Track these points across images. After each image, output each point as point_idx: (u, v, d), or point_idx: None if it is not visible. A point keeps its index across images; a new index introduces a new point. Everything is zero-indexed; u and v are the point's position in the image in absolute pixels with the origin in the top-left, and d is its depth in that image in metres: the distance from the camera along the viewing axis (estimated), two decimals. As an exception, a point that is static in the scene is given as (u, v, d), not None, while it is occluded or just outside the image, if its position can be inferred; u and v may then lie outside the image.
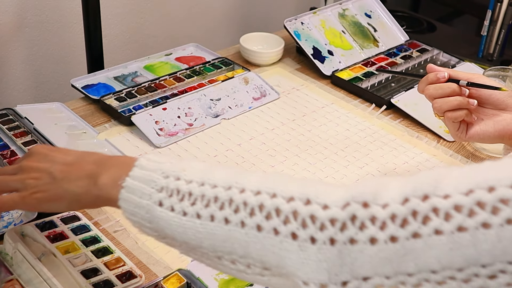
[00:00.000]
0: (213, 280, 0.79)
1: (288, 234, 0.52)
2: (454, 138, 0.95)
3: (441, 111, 0.91)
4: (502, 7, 1.39)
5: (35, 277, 0.74)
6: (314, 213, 0.51)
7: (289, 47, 1.41)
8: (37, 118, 1.09)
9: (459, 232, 0.46)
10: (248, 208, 0.55)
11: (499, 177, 0.46)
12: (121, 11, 1.54)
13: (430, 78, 0.91)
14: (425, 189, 0.48)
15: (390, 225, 0.48)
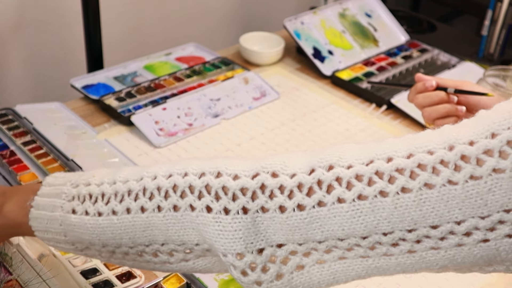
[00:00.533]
0: (213, 281, 0.79)
1: (203, 208, 0.54)
2: None
3: (431, 119, 0.92)
4: (502, 6, 1.39)
5: (35, 277, 0.74)
6: (226, 184, 0.53)
7: (289, 47, 1.41)
8: (37, 118, 1.09)
9: (359, 200, 0.49)
10: (162, 191, 0.56)
11: (397, 148, 0.49)
12: (121, 11, 1.53)
13: (418, 88, 0.92)
14: (330, 159, 0.51)
15: (297, 193, 0.51)
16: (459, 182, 0.46)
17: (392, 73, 1.34)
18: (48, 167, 0.99)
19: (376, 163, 0.49)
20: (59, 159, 1.00)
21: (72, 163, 0.99)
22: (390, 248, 0.50)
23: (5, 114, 1.10)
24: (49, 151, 1.02)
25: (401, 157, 0.49)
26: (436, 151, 0.47)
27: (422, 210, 0.47)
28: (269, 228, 0.52)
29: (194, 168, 0.55)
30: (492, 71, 1.15)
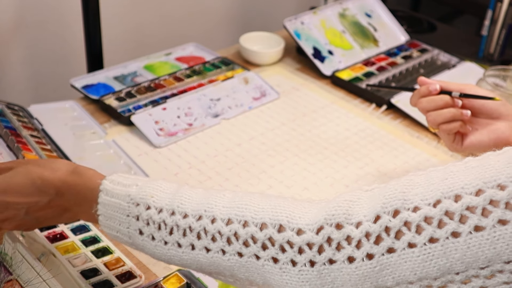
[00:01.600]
0: (213, 280, 0.79)
1: (269, 259, 0.54)
2: (450, 150, 0.94)
3: (435, 124, 0.91)
4: (502, 6, 1.39)
5: (35, 277, 0.74)
6: (290, 239, 0.53)
7: (289, 47, 1.41)
8: (48, 118, 1.09)
9: (430, 243, 0.48)
10: (224, 237, 0.57)
11: (463, 184, 0.48)
12: (121, 11, 1.53)
13: (422, 92, 0.91)
14: (394, 204, 0.50)
15: (365, 243, 0.50)
16: None
17: (392, 73, 1.34)
18: (48, 154, 1.00)
19: (445, 203, 0.48)
20: (56, 152, 1.02)
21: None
22: (461, 286, 0.49)
23: (17, 110, 1.11)
24: (53, 150, 1.02)
25: (469, 194, 0.47)
26: (508, 186, 0.46)
27: (496, 248, 0.47)
28: (336, 279, 0.52)
29: (253, 217, 0.55)
30: (492, 71, 1.15)
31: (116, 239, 0.65)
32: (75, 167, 0.67)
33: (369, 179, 1.03)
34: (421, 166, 1.07)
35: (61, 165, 0.67)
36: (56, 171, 0.66)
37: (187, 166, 1.03)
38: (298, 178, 1.02)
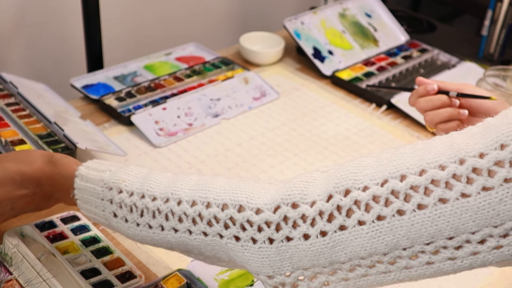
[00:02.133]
0: (213, 280, 0.79)
1: (231, 237, 0.58)
2: None
3: (433, 124, 0.91)
4: (502, 6, 1.39)
5: (35, 277, 0.74)
6: (250, 218, 0.57)
7: (289, 47, 1.41)
8: (22, 86, 1.10)
9: (378, 220, 0.51)
10: (190, 218, 0.60)
11: (409, 165, 0.51)
12: (121, 11, 1.53)
13: (420, 92, 0.91)
14: (345, 184, 0.53)
15: (318, 221, 0.54)
16: (472, 195, 0.48)
17: (392, 73, 1.34)
18: (30, 127, 1.01)
19: (391, 182, 0.51)
20: (42, 121, 1.03)
21: (55, 126, 1.01)
22: (409, 261, 0.52)
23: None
24: (32, 113, 1.03)
25: (414, 174, 0.50)
26: (448, 166, 0.49)
27: (438, 224, 0.49)
28: (294, 255, 0.55)
29: (215, 198, 0.59)
30: (492, 71, 1.15)
31: (95, 221, 0.69)
32: (50, 156, 0.71)
33: (369, 179, 1.03)
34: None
35: (36, 156, 0.71)
36: (33, 163, 0.70)
37: (187, 166, 1.03)
38: (298, 178, 1.02)
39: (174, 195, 0.61)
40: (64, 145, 1.00)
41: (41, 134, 1.01)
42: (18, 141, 0.99)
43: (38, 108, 1.04)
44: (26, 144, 0.98)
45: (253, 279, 0.80)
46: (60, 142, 1.00)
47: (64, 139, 1.00)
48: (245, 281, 0.79)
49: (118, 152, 1.02)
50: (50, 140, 1.00)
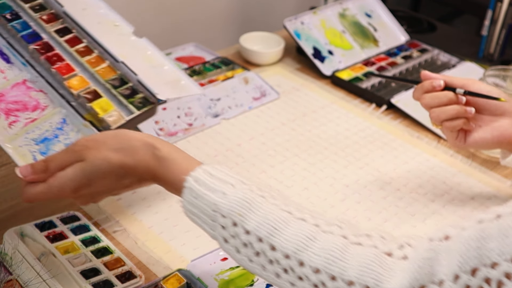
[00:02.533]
0: (213, 280, 0.79)
1: None
2: (453, 147, 0.94)
3: (439, 121, 0.89)
4: (502, 6, 1.39)
5: (35, 277, 0.74)
6: None
7: (289, 47, 1.41)
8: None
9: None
10: (311, 282, 0.58)
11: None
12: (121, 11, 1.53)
13: (425, 87, 0.89)
14: (472, 262, 0.51)
15: None
16: None
17: (392, 73, 1.34)
18: (96, 69, 0.87)
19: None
20: (107, 59, 0.88)
21: (123, 66, 0.87)
22: None
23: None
24: (91, 46, 0.89)
25: None
26: None
27: None
28: None
29: (341, 272, 0.57)
30: (492, 71, 1.15)
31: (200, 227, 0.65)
32: (154, 148, 0.66)
33: (369, 179, 1.03)
34: (421, 166, 1.07)
35: (139, 145, 0.67)
36: (135, 154, 0.66)
37: (187, 166, 1.03)
38: (298, 178, 1.02)
39: (296, 255, 0.58)
40: (143, 97, 0.86)
41: (112, 81, 0.86)
42: (92, 95, 0.84)
43: (96, 39, 0.88)
44: (102, 97, 0.84)
45: (253, 279, 0.80)
46: (136, 91, 0.86)
47: (140, 87, 0.86)
48: (245, 281, 0.80)
49: (196, 92, 0.91)
50: (124, 89, 0.86)
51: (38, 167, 0.68)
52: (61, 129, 0.81)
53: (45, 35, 0.88)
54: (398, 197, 1.00)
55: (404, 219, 0.95)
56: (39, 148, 0.78)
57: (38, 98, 0.83)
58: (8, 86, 0.83)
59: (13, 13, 0.89)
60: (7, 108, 0.81)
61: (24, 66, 0.85)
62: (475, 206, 0.99)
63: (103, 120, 0.82)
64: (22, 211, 0.89)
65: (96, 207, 0.91)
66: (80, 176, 0.66)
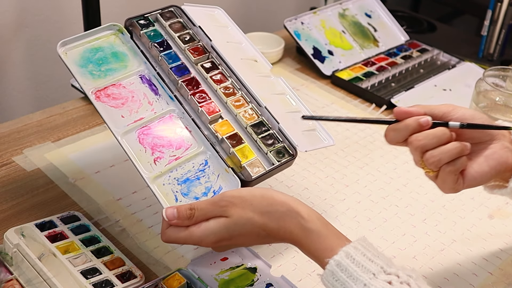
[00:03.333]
0: (213, 280, 0.79)
1: None
2: (448, 192, 0.75)
3: (440, 165, 0.72)
4: (502, 7, 1.39)
5: (35, 277, 0.74)
6: None
7: (289, 47, 1.41)
8: (210, 28, 0.92)
9: None
10: None
11: None
12: (121, 11, 1.53)
13: (411, 127, 0.72)
14: None
15: None
16: None
17: (392, 73, 1.34)
18: (239, 112, 0.86)
19: None
20: (251, 102, 0.87)
21: (266, 111, 0.86)
22: None
23: (173, 14, 0.93)
24: (236, 86, 0.88)
25: None
26: None
27: None
28: None
29: None
30: (492, 71, 1.15)
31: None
32: (301, 217, 0.67)
33: (369, 179, 1.03)
34: (421, 166, 1.07)
35: (285, 213, 0.68)
36: (281, 221, 0.68)
37: (187, 166, 1.03)
38: (298, 178, 1.02)
39: None
40: (283, 146, 0.85)
41: (254, 126, 0.85)
42: (236, 139, 0.83)
43: (242, 79, 0.87)
44: (244, 143, 0.83)
45: (253, 278, 0.80)
46: (276, 139, 0.85)
47: (281, 135, 0.85)
48: (245, 281, 0.80)
49: (330, 144, 0.90)
50: (266, 137, 0.85)
51: (184, 213, 0.70)
52: (203, 171, 0.81)
53: (192, 70, 0.88)
54: (398, 197, 1.00)
55: (404, 219, 0.95)
56: (181, 188, 0.79)
57: (183, 136, 0.83)
58: (156, 120, 0.83)
59: (164, 43, 0.90)
60: (153, 143, 0.81)
61: (172, 100, 0.86)
62: (475, 206, 0.99)
63: (244, 168, 0.82)
64: (22, 211, 0.89)
65: (96, 207, 0.91)
66: (224, 232, 0.69)
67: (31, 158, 1.00)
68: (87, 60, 0.86)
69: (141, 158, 0.80)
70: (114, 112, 0.83)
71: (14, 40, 1.37)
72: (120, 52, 0.88)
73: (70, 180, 0.96)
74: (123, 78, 0.85)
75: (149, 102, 0.84)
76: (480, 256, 0.89)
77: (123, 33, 0.90)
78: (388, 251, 0.88)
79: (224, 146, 0.84)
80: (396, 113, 0.73)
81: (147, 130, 0.82)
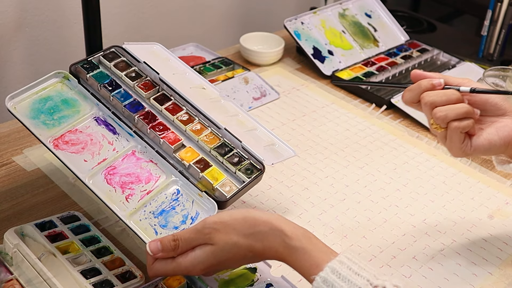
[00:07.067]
0: (213, 280, 0.79)
1: None
2: (456, 154, 0.82)
3: (446, 121, 0.78)
4: (502, 7, 1.39)
5: (35, 277, 0.74)
6: None
7: (289, 47, 1.41)
8: (154, 63, 0.93)
9: None
10: None
11: None
12: (121, 11, 1.54)
13: (424, 86, 0.80)
14: None
15: None
16: None
17: (392, 73, 1.34)
18: (200, 137, 0.87)
19: None
20: (209, 127, 0.88)
21: (226, 132, 0.88)
22: None
23: (115, 54, 0.93)
24: (192, 113, 0.89)
25: None
26: None
27: None
28: None
29: None
30: (492, 71, 1.15)
31: None
32: (285, 236, 0.67)
33: (369, 179, 1.03)
34: (421, 166, 1.07)
35: (268, 232, 0.68)
36: (265, 241, 0.68)
37: (187, 166, 1.03)
38: (298, 178, 1.02)
39: None
40: (249, 164, 0.86)
41: (217, 148, 0.86)
42: (203, 164, 0.85)
43: (193, 103, 0.88)
44: (212, 166, 0.85)
45: (253, 278, 0.80)
46: (242, 158, 0.86)
47: (245, 153, 0.87)
48: (245, 281, 0.80)
49: (291, 155, 0.91)
50: (231, 157, 0.86)
51: (168, 245, 0.70)
52: (176, 200, 0.82)
53: (146, 104, 0.89)
54: (398, 197, 1.00)
55: (404, 219, 0.95)
56: (158, 221, 0.79)
57: (149, 169, 0.83)
58: (119, 158, 0.84)
59: (112, 82, 0.90)
60: (121, 181, 0.82)
61: (131, 137, 0.86)
62: (475, 206, 0.99)
63: (217, 189, 0.82)
64: (22, 211, 0.89)
65: (96, 207, 0.91)
66: (211, 259, 0.69)
67: (31, 158, 1.00)
68: (38, 111, 0.86)
69: (112, 198, 0.80)
70: (76, 157, 0.83)
71: (14, 40, 1.37)
72: (70, 98, 0.89)
73: (70, 180, 0.96)
74: (78, 123, 0.86)
75: (109, 142, 0.85)
76: (480, 256, 0.89)
77: (69, 79, 0.90)
78: (388, 251, 0.89)
79: (193, 172, 0.84)
80: (413, 75, 0.82)
81: (112, 170, 0.83)
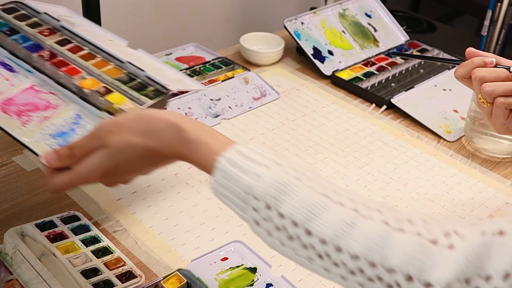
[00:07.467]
0: (213, 280, 0.79)
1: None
2: (500, 130, 0.86)
3: (493, 96, 0.82)
4: (502, 7, 1.39)
5: (35, 277, 0.74)
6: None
7: (289, 47, 1.41)
8: (53, 14, 0.93)
9: None
10: (347, 268, 0.55)
11: None
12: (121, 11, 1.54)
13: (476, 62, 0.84)
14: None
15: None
16: None
17: (392, 73, 1.34)
18: (103, 70, 0.86)
19: None
20: (112, 62, 0.88)
21: (130, 65, 0.87)
22: None
23: (15, 8, 0.93)
24: (94, 52, 0.88)
25: None
26: None
27: None
28: None
29: (383, 260, 0.54)
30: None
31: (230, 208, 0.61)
32: (179, 129, 0.63)
33: (369, 179, 1.03)
34: (421, 166, 1.07)
35: (163, 127, 0.63)
36: (161, 136, 0.63)
37: (187, 165, 1.03)
38: (298, 178, 1.02)
39: (334, 241, 0.55)
40: (154, 89, 0.84)
41: (121, 78, 0.85)
42: (105, 90, 0.83)
43: (97, 45, 0.88)
44: (114, 92, 0.83)
45: (253, 278, 0.80)
46: (145, 85, 0.85)
47: (149, 81, 0.85)
48: (245, 280, 0.80)
49: (199, 87, 0.93)
50: (135, 85, 0.85)
51: (63, 153, 0.66)
52: (77, 123, 0.80)
53: (46, 46, 0.88)
54: (398, 197, 1.00)
55: (404, 219, 0.95)
56: (56, 141, 0.78)
57: (48, 99, 0.82)
58: (16, 91, 0.82)
59: (11, 29, 0.89)
60: (18, 110, 0.80)
61: (30, 73, 0.85)
62: (475, 206, 0.99)
63: (119, 110, 0.80)
64: (22, 211, 0.89)
65: (96, 207, 0.91)
66: (107, 162, 0.65)
67: (31, 158, 1.00)
68: None
69: (8, 124, 0.78)
70: None
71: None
72: None
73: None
74: None
75: (6, 78, 0.83)
76: (480, 256, 0.89)
77: None
78: (388, 251, 0.89)
79: (94, 98, 0.82)
80: (467, 52, 0.86)
81: (9, 101, 0.81)
